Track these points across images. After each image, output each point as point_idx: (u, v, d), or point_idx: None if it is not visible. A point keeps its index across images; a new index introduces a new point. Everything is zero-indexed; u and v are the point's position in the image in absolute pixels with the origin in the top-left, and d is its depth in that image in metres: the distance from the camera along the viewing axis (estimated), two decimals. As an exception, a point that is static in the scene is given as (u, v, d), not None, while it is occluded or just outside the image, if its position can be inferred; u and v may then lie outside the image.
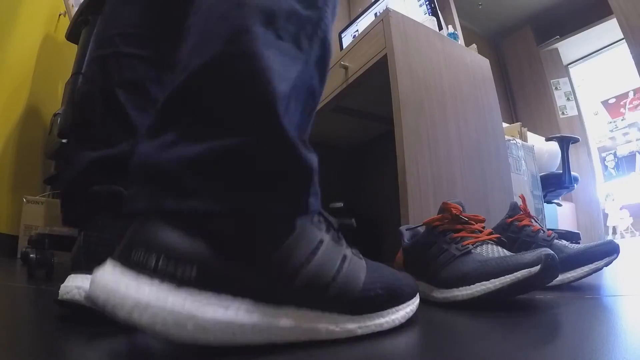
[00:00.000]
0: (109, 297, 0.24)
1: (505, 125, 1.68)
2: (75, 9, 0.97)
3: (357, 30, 1.92)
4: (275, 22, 0.31)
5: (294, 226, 0.31)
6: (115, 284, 0.25)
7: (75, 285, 0.36)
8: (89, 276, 0.28)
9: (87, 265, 0.37)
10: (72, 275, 0.38)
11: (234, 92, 0.29)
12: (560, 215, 2.71)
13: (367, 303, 0.34)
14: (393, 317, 0.36)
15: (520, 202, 0.72)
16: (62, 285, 0.37)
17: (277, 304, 0.29)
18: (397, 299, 0.37)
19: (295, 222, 0.31)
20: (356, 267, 0.34)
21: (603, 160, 3.90)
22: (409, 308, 0.38)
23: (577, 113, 3.67)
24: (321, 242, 0.32)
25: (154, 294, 0.24)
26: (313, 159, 0.33)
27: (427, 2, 1.55)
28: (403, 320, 0.37)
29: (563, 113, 3.67)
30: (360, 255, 0.37)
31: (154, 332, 0.24)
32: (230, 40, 0.30)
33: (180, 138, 0.29)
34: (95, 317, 0.31)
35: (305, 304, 0.30)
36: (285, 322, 0.29)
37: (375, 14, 1.78)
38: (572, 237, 1.96)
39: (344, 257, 0.34)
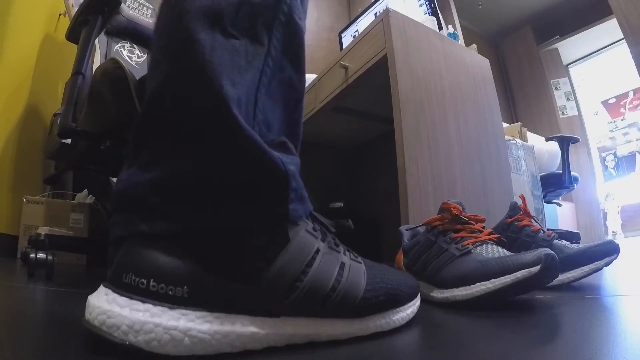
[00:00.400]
0: (105, 320, 0.25)
1: (505, 125, 1.68)
2: (75, 9, 0.97)
3: (357, 30, 1.92)
4: (223, 20, 0.29)
5: (287, 238, 0.29)
6: (110, 307, 0.25)
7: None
8: None
9: None
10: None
11: (189, 108, 0.28)
12: (560, 215, 2.71)
13: (368, 308, 0.34)
14: (394, 317, 0.35)
15: (520, 202, 0.72)
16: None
17: (273, 316, 0.29)
18: (397, 301, 0.36)
19: (288, 233, 0.29)
20: (356, 274, 0.34)
21: (603, 160, 3.90)
22: (410, 310, 0.38)
23: (577, 113, 3.67)
24: (317, 251, 0.31)
25: (148, 315, 0.25)
26: (289, 162, 0.30)
27: (427, 2, 1.55)
28: (403, 322, 0.36)
29: (563, 113, 3.67)
30: (359, 258, 0.36)
31: (150, 349, 0.24)
32: (177, 56, 0.29)
33: (149, 163, 0.29)
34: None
35: (305, 314, 0.30)
36: (284, 329, 0.29)
37: (375, 14, 1.78)
38: (572, 237, 1.96)
39: (342, 265, 0.33)
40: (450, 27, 1.53)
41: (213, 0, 0.30)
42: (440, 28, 1.41)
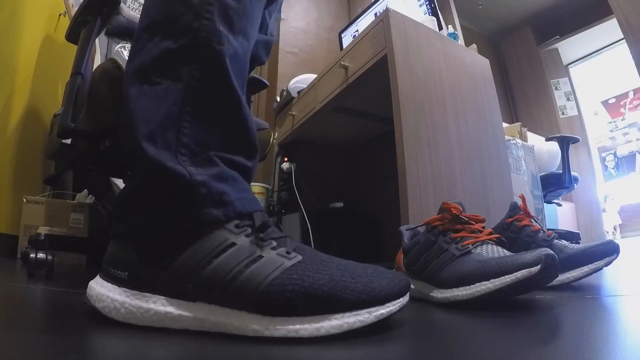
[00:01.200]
0: (88, 292, 0.38)
1: (505, 125, 1.68)
2: (75, 9, 0.97)
3: (357, 30, 1.92)
4: (147, 73, 0.39)
5: (199, 234, 0.35)
6: (92, 283, 0.38)
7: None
8: None
9: None
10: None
11: (125, 145, 0.39)
12: (560, 215, 2.71)
13: (276, 306, 0.32)
14: (317, 325, 0.32)
15: (520, 202, 0.72)
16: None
17: (189, 300, 0.34)
18: (325, 306, 0.32)
19: (201, 231, 0.35)
20: (265, 267, 0.33)
21: (603, 160, 3.90)
22: (351, 319, 0.32)
23: (577, 113, 3.67)
24: (231, 245, 0.35)
25: (105, 290, 0.36)
26: (200, 173, 0.36)
27: (427, 2, 1.55)
28: (335, 331, 0.32)
29: (563, 113, 3.67)
30: (297, 255, 0.35)
31: (104, 313, 0.35)
32: (120, 108, 0.40)
33: (123, 186, 0.40)
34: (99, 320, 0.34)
35: (214, 301, 0.33)
36: (196, 314, 0.33)
37: (375, 14, 1.78)
38: (572, 237, 1.97)
39: (256, 258, 0.34)
40: (450, 27, 1.53)
41: (141, 60, 0.39)
42: (440, 28, 1.41)
